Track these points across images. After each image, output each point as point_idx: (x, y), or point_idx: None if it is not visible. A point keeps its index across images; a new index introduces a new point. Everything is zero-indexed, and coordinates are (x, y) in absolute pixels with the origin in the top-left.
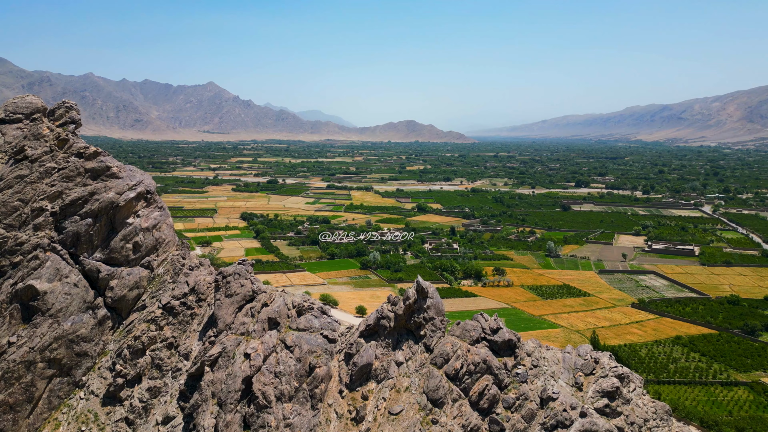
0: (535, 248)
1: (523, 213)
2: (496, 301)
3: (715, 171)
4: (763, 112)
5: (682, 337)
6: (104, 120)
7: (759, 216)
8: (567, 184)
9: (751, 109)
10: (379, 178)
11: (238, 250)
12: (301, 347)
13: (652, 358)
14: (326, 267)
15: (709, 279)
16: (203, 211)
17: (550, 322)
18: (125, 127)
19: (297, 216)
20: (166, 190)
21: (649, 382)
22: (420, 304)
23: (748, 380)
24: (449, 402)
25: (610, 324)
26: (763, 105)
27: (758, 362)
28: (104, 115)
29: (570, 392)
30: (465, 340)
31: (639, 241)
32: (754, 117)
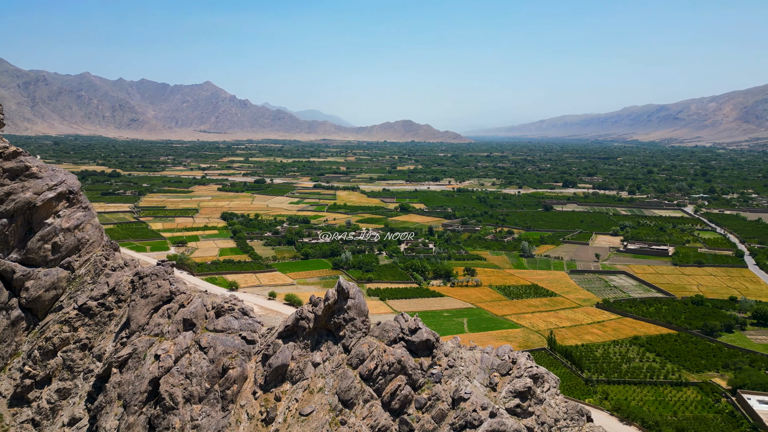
0: (510, 248)
1: (504, 213)
2: (461, 301)
3: (704, 171)
4: (758, 113)
5: (640, 337)
6: (100, 119)
7: (740, 216)
8: (554, 184)
9: (747, 110)
10: (368, 178)
11: (212, 250)
12: (215, 348)
13: (607, 358)
14: (298, 267)
15: (678, 279)
16: (185, 210)
17: (512, 322)
18: (121, 127)
19: (278, 216)
20: (152, 189)
21: (599, 382)
22: (340, 305)
23: (699, 380)
24: (360, 403)
25: (571, 324)
26: (758, 105)
27: (712, 362)
28: (100, 114)
29: (483, 392)
30: (383, 340)
31: (616, 241)
32: (750, 117)
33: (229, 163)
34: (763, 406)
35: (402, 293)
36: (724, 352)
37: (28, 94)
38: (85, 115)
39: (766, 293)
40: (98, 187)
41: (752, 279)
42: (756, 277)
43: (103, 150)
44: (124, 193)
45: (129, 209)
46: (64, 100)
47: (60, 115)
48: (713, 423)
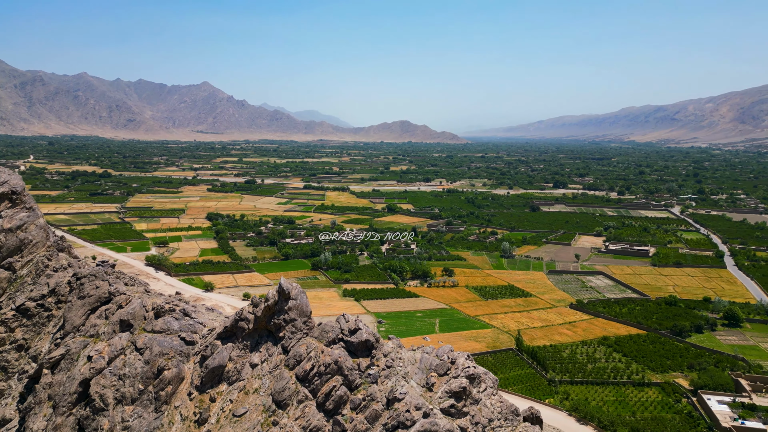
0: (492, 249)
1: (490, 214)
2: (436, 302)
3: (695, 172)
4: (755, 113)
5: (609, 338)
6: (97, 120)
7: (725, 217)
8: (545, 185)
9: (744, 110)
10: (360, 178)
11: (193, 251)
12: (152, 349)
13: (573, 359)
14: (277, 268)
15: (655, 280)
16: (172, 211)
17: (483, 323)
18: (118, 127)
19: (263, 216)
20: (141, 190)
21: (563, 383)
22: (281, 305)
23: (662, 381)
24: (294, 404)
25: (542, 324)
26: (755, 106)
27: (678, 363)
28: (97, 114)
29: (419, 393)
30: (322, 341)
31: (598, 242)
32: (746, 118)
33: (222, 164)
34: (722, 407)
35: (378, 294)
36: (691, 352)
37: (24, 94)
38: (81, 116)
39: (741, 294)
40: (87, 187)
41: (729, 279)
42: (733, 278)
43: (97, 150)
44: (113, 193)
45: (115, 209)
46: (61, 101)
47: (57, 116)
48: (670, 423)
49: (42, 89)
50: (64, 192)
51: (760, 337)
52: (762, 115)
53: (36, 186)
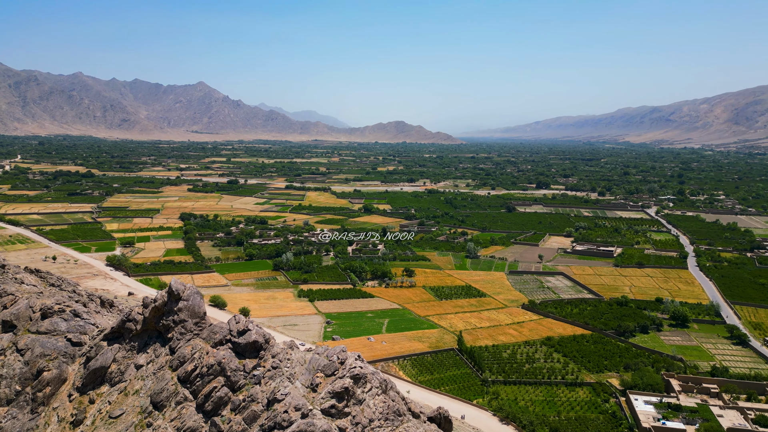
0: (459, 249)
1: (465, 214)
2: (390, 302)
3: (680, 173)
4: (748, 114)
5: (553, 338)
6: (91, 119)
7: (699, 218)
8: (528, 186)
9: (738, 111)
10: (344, 179)
11: (159, 251)
12: (33, 350)
13: (513, 359)
14: (239, 268)
15: (614, 280)
16: (148, 211)
17: (432, 323)
18: (112, 127)
19: (237, 217)
20: (121, 190)
21: (496, 383)
22: (170, 306)
23: (595, 381)
24: (172, 405)
25: (490, 325)
26: (749, 107)
27: (615, 363)
28: (91, 114)
29: (302, 393)
30: (210, 342)
31: (566, 242)
32: (740, 119)
33: (209, 164)
34: (648, 407)
35: (334, 294)
36: (631, 353)
37: (19, 93)
38: (76, 115)
39: (696, 295)
40: (67, 187)
41: (687, 280)
42: (692, 279)
43: (86, 150)
44: (92, 193)
45: (90, 210)
46: (56, 100)
47: (51, 115)
48: (593, 423)
49: (36, 89)
50: (43, 192)
51: (705, 338)
52: (756, 116)
53: (16, 186)
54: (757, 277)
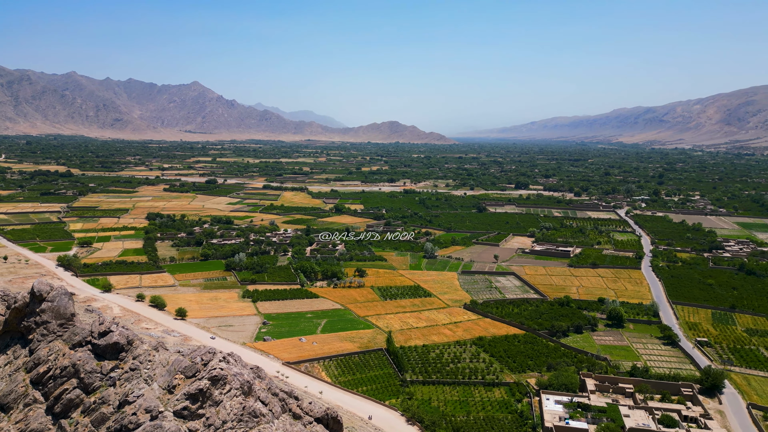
0: (418, 249)
1: (434, 214)
2: (333, 302)
3: (662, 173)
4: (740, 115)
5: (485, 338)
6: (83, 119)
7: (667, 218)
8: (507, 186)
9: (730, 112)
10: (325, 179)
11: (115, 251)
12: None
13: (439, 359)
14: (191, 268)
15: (563, 280)
16: (117, 210)
17: (368, 323)
18: (104, 126)
19: (204, 216)
20: (96, 190)
21: (415, 383)
22: (33, 307)
23: (514, 381)
24: (20, 407)
25: (427, 324)
26: (741, 108)
27: (539, 363)
28: (83, 114)
29: (157, 395)
30: (69, 343)
31: (528, 242)
32: (732, 120)
33: (194, 164)
34: (557, 407)
35: (279, 294)
36: (559, 352)
37: (11, 93)
38: (68, 115)
39: (641, 294)
40: (42, 186)
41: (637, 280)
42: (642, 279)
43: (74, 150)
44: (65, 193)
45: (60, 209)
46: (48, 100)
47: (43, 115)
48: (500, 423)
49: (29, 88)
50: (17, 192)
51: (637, 338)
52: (747, 117)
53: None
54: (707, 277)
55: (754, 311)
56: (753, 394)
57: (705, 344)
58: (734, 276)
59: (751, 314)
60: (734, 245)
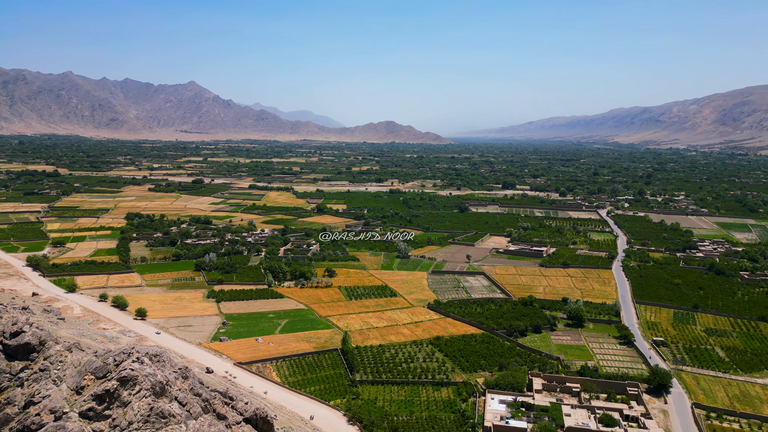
0: (392, 249)
1: (414, 214)
2: (297, 302)
3: (650, 173)
4: (735, 115)
5: (442, 338)
6: (79, 119)
7: (647, 218)
8: (495, 186)
9: (725, 112)
10: (313, 178)
11: (87, 251)
12: None
13: (392, 359)
14: (161, 268)
15: (532, 280)
16: (97, 210)
17: (328, 323)
18: (100, 126)
19: (184, 216)
20: (80, 189)
21: (364, 383)
22: None
23: (463, 380)
24: None
25: (387, 324)
26: (737, 108)
27: (492, 362)
28: (79, 114)
29: (64, 396)
30: None
31: (504, 242)
32: (727, 120)
33: (184, 163)
34: (500, 406)
35: (245, 295)
36: (513, 352)
37: (6, 93)
38: (63, 115)
39: (606, 294)
40: (27, 186)
41: (606, 280)
42: (610, 278)
43: (66, 150)
44: (49, 193)
45: (40, 209)
46: (44, 99)
47: (38, 115)
48: (441, 423)
49: (25, 88)
50: (0, 192)
51: (595, 337)
52: (742, 117)
53: None
54: (676, 277)
55: (716, 311)
56: (700, 394)
57: (661, 344)
58: (703, 276)
59: (713, 314)
60: (708, 245)
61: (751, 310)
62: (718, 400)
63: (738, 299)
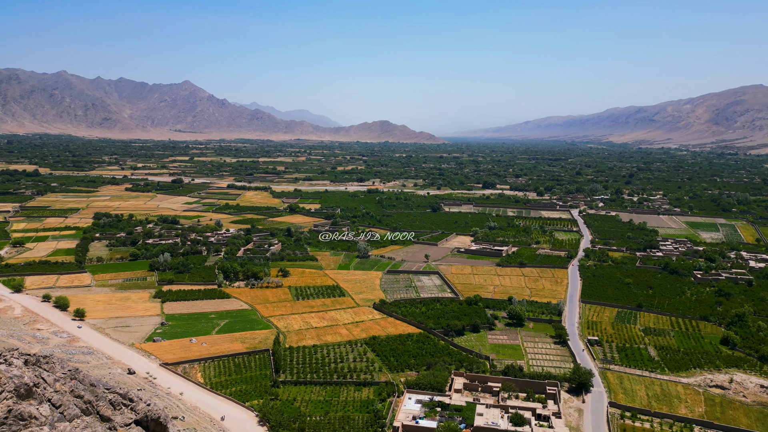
0: (354, 249)
1: (383, 214)
2: (242, 302)
3: (633, 173)
4: (728, 115)
5: (378, 338)
6: (72, 118)
7: (617, 217)
8: (475, 186)
9: (719, 112)
10: (294, 178)
11: (46, 251)
12: None
13: (322, 359)
14: (116, 268)
15: (485, 280)
16: (68, 210)
17: (267, 324)
18: (93, 126)
19: (152, 216)
20: (56, 189)
21: (287, 383)
22: None
23: (387, 380)
24: None
25: (327, 324)
26: (730, 107)
27: (421, 361)
28: (72, 113)
29: None
30: None
31: (467, 241)
32: (720, 119)
33: (170, 163)
34: (415, 405)
35: (192, 295)
36: (446, 351)
37: None
38: (56, 114)
39: (555, 294)
40: (3, 186)
41: (558, 279)
42: (564, 278)
43: (54, 149)
44: (24, 192)
45: (10, 209)
46: (37, 99)
47: (31, 114)
48: (353, 423)
49: (17, 87)
50: None
51: (531, 337)
52: (735, 117)
53: None
54: (628, 276)
55: (660, 310)
56: (620, 393)
57: (595, 343)
58: (657, 275)
59: (657, 313)
60: (670, 245)
61: (695, 310)
62: (637, 399)
63: (685, 299)
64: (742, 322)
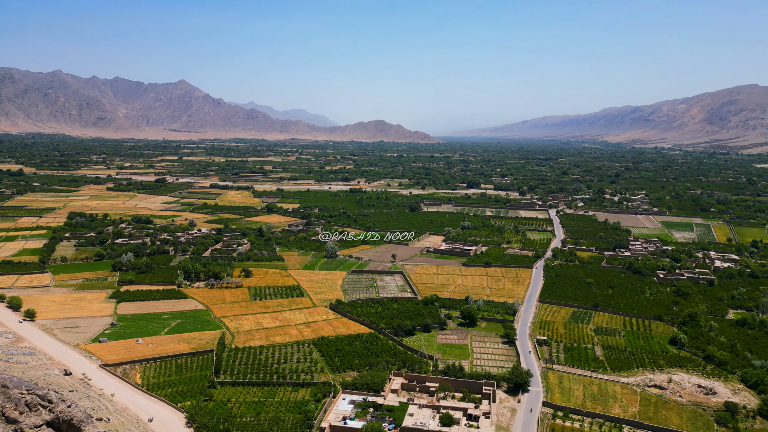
0: (321, 248)
1: (359, 213)
2: (197, 303)
3: (619, 173)
4: (723, 114)
5: (327, 338)
6: (66, 118)
7: (593, 217)
8: (459, 185)
9: (713, 111)
10: (279, 177)
11: (12, 251)
12: None
13: (266, 360)
14: (78, 268)
15: (447, 279)
16: (44, 210)
17: (218, 324)
18: (87, 125)
19: (126, 216)
20: (35, 189)
21: (224, 384)
22: None
23: (325, 380)
24: None
25: (279, 325)
26: (724, 107)
27: (364, 362)
28: (66, 112)
29: None
30: None
31: (439, 241)
32: (714, 119)
33: (157, 162)
34: (348, 406)
35: (149, 295)
36: (392, 351)
37: None
38: (51, 114)
39: (514, 293)
40: None
41: (521, 279)
42: (527, 278)
43: (43, 148)
44: (4, 192)
45: None
46: (31, 98)
47: (25, 113)
48: (282, 424)
49: (12, 87)
50: None
51: (481, 337)
52: (729, 116)
53: None
54: (591, 276)
55: (616, 310)
56: (557, 393)
57: (543, 343)
58: (620, 275)
59: (611, 313)
60: (639, 244)
61: (651, 309)
62: (572, 399)
63: (643, 298)
64: (693, 321)
